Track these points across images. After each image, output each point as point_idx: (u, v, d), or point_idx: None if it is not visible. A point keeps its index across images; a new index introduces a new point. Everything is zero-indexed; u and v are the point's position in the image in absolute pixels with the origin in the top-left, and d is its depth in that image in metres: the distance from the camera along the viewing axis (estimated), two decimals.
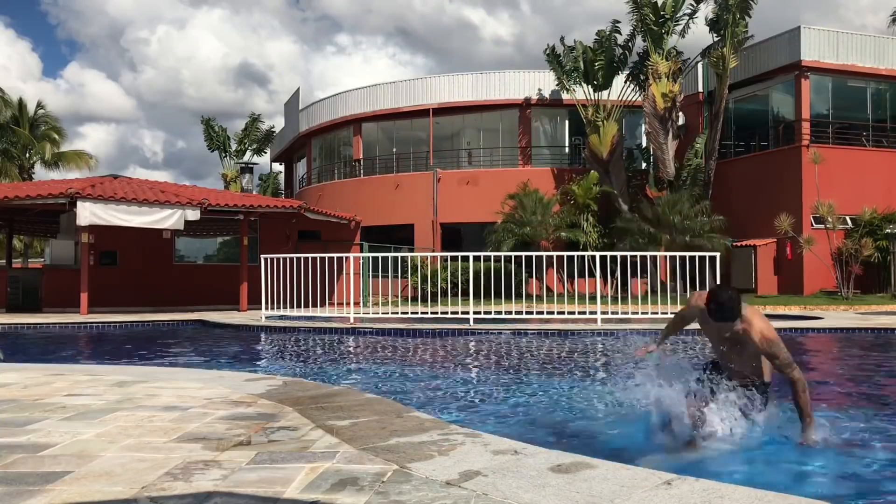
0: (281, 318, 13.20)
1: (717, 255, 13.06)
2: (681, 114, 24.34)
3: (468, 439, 3.32)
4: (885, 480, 3.52)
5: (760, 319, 3.80)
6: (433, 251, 24.01)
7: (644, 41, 23.77)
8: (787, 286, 22.00)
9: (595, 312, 12.27)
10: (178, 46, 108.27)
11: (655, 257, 18.04)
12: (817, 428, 3.96)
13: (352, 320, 12.79)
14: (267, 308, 13.08)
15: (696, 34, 45.88)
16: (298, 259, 13.20)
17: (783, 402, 4.39)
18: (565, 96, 25.98)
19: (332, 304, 14.94)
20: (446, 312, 12.85)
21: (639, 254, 15.60)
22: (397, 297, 19.48)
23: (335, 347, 10.11)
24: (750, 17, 22.92)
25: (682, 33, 23.85)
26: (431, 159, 27.67)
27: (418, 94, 28.05)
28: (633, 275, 17.27)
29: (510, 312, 13.11)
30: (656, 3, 23.17)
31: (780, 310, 16.74)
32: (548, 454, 3.01)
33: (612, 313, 12.74)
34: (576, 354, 9.21)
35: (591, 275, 18.92)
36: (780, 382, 4.10)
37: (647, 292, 16.98)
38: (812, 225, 21.60)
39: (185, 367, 7.06)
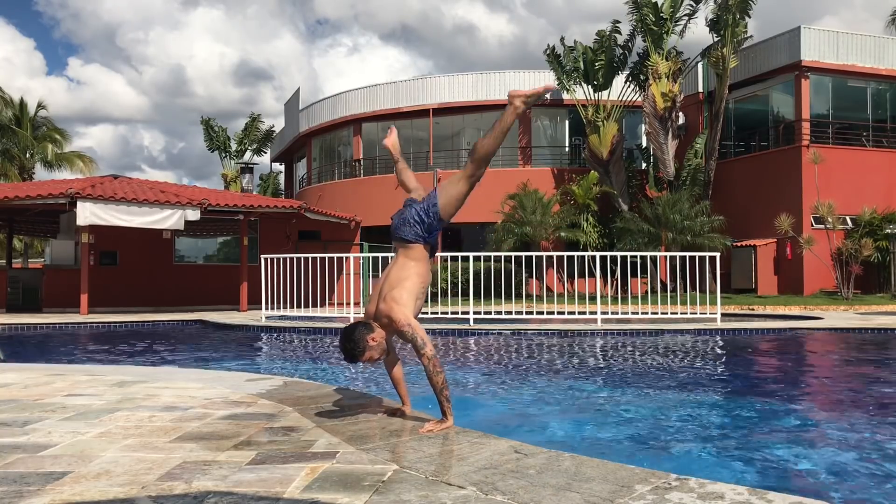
0: (281, 318, 13.19)
1: (717, 255, 13.06)
2: (681, 114, 24.34)
3: (468, 438, 3.32)
4: (883, 481, 3.52)
5: (399, 311, 3.55)
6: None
7: (644, 41, 23.77)
8: (787, 286, 22.01)
9: (595, 312, 12.26)
10: (187, 46, 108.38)
11: (655, 257, 18.07)
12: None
13: (352, 320, 12.76)
14: (267, 308, 13.08)
15: (696, 34, 45.95)
16: (298, 259, 13.20)
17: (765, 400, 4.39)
18: (565, 96, 25.96)
19: (332, 304, 14.94)
20: (446, 312, 12.84)
21: (639, 254, 15.62)
22: None
23: (335, 348, 10.10)
24: (750, 17, 22.94)
25: (682, 33, 23.86)
26: (431, 159, 27.68)
27: (418, 94, 28.06)
28: (633, 275, 17.30)
29: (510, 312, 13.11)
30: (656, 3, 23.17)
31: (780, 310, 16.76)
32: (548, 454, 3.01)
33: (612, 313, 12.74)
34: (563, 353, 9.21)
35: (591, 275, 18.93)
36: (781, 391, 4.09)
37: (647, 292, 17.02)
38: (812, 225, 21.60)
39: (185, 368, 7.06)
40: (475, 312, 12.32)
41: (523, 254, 14.21)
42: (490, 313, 12.79)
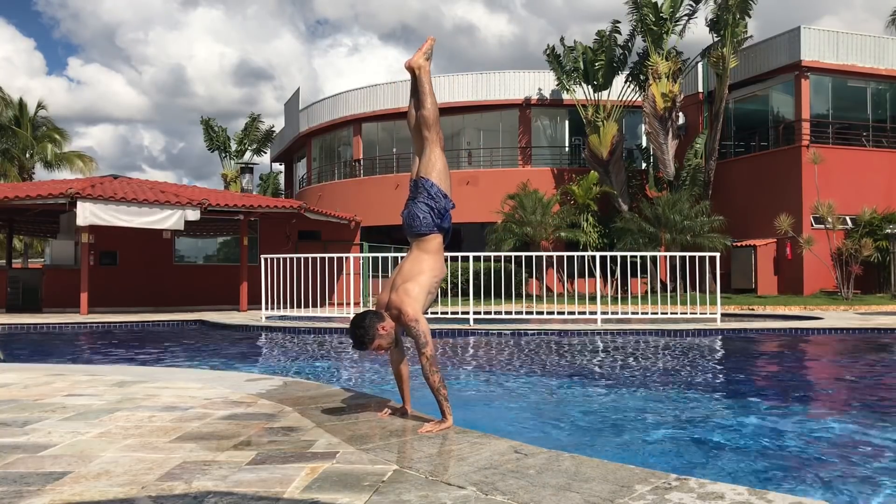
0: (281, 318, 13.19)
1: (717, 255, 13.06)
2: (681, 114, 24.34)
3: (468, 438, 3.32)
4: (884, 481, 3.52)
5: (409, 305, 3.57)
6: None
7: (644, 41, 23.78)
8: (787, 286, 22.01)
9: (595, 312, 12.26)
10: (187, 46, 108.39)
11: (655, 257, 18.07)
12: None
13: None
14: (267, 308, 13.08)
15: (696, 34, 45.92)
16: (298, 259, 13.20)
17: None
18: (565, 96, 25.97)
19: (332, 304, 14.94)
20: (446, 312, 12.84)
21: (639, 254, 15.62)
22: None
23: (335, 348, 10.11)
24: (750, 17, 22.94)
25: (682, 33, 23.86)
26: None
27: None
28: (633, 275, 17.30)
29: (510, 312, 13.11)
30: (656, 3, 23.18)
31: (780, 310, 16.76)
32: (548, 454, 3.01)
33: (612, 313, 12.74)
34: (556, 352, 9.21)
35: (591, 275, 18.94)
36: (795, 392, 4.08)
37: (647, 292, 17.02)
38: (812, 225, 21.60)
39: (185, 368, 7.06)
40: (475, 312, 12.32)
41: (523, 254, 14.21)
42: (490, 313, 12.79)
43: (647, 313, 12.83)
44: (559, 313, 12.76)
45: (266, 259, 13.19)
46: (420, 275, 3.69)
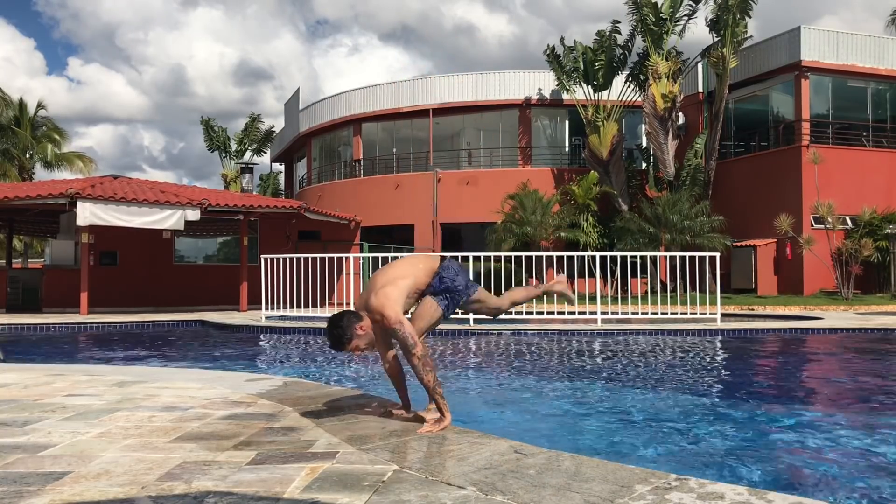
0: (281, 318, 13.19)
1: (717, 255, 13.05)
2: (681, 114, 24.34)
3: (467, 438, 3.32)
4: (883, 481, 3.51)
5: (390, 308, 3.57)
6: (433, 251, 24.01)
7: (644, 41, 23.78)
8: (787, 286, 22.01)
9: (595, 312, 12.26)
10: (186, 46, 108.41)
11: (655, 257, 18.06)
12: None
13: None
14: (267, 308, 13.08)
15: (696, 34, 45.92)
16: (298, 259, 13.20)
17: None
18: (565, 96, 25.98)
19: (332, 304, 14.94)
20: None
21: (639, 254, 15.63)
22: None
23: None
24: (750, 17, 22.95)
25: (682, 33, 23.87)
26: (431, 159, 27.67)
27: (418, 95, 28.06)
28: (633, 275, 17.30)
29: (510, 312, 13.10)
30: (656, 3, 23.18)
31: (780, 310, 16.76)
32: (548, 454, 3.01)
33: (612, 313, 12.74)
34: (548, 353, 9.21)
35: (591, 275, 18.93)
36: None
37: (647, 292, 17.02)
38: (812, 225, 21.61)
39: (184, 368, 7.05)
40: None
41: (523, 254, 14.20)
42: None
43: (647, 313, 12.83)
44: (559, 313, 12.76)
45: (266, 259, 13.19)
46: (401, 279, 3.69)
